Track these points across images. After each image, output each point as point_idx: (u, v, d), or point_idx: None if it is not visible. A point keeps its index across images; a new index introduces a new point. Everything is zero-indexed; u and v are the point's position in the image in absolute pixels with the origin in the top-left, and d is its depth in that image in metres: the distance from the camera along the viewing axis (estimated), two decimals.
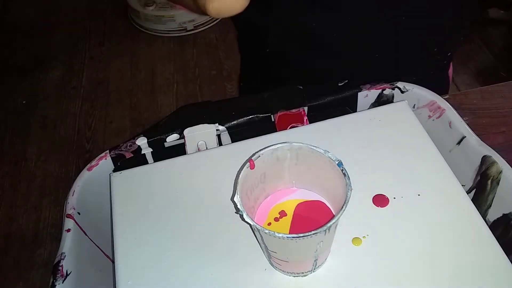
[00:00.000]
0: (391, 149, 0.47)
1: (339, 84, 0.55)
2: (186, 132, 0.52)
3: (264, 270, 0.40)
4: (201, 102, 0.55)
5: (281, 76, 0.68)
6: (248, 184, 0.37)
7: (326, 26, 0.59)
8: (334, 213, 0.40)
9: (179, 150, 0.52)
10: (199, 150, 0.51)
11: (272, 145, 0.38)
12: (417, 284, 0.38)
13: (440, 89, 0.58)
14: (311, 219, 0.40)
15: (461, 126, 0.50)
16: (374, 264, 0.39)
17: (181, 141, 0.52)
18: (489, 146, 0.48)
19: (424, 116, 0.54)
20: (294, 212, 0.41)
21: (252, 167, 0.37)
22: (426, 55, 0.65)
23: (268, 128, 0.52)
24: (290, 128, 0.52)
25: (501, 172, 0.46)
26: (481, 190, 0.49)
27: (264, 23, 0.61)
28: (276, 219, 0.40)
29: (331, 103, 0.54)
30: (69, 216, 0.46)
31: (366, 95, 0.55)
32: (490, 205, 0.48)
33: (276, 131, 0.51)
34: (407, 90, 0.55)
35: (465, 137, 0.49)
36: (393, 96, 0.55)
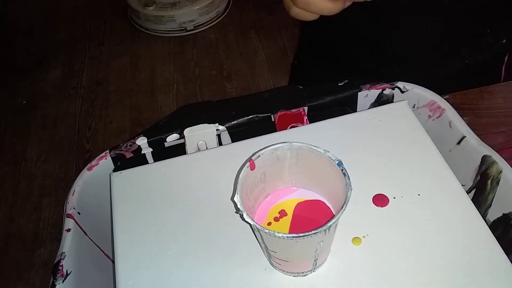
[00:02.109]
0: (391, 149, 0.47)
1: (339, 84, 0.55)
2: (186, 132, 0.52)
3: (264, 270, 0.40)
4: (201, 102, 0.55)
5: (342, 49, 0.72)
6: (248, 184, 0.37)
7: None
8: (334, 213, 0.40)
9: (179, 150, 0.52)
10: (199, 150, 0.51)
11: (272, 145, 0.38)
12: (417, 284, 0.38)
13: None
14: (311, 218, 0.40)
15: (461, 126, 0.50)
16: (374, 264, 0.39)
17: (181, 141, 0.52)
18: (489, 146, 0.48)
19: (424, 116, 0.54)
20: (294, 211, 0.41)
21: (252, 167, 0.37)
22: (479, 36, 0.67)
23: (268, 128, 0.52)
24: (290, 128, 0.52)
25: (501, 172, 0.46)
26: (481, 190, 0.49)
27: None
28: (276, 219, 0.40)
29: (331, 103, 0.54)
30: (69, 216, 0.46)
31: (366, 95, 0.55)
32: (490, 205, 0.48)
33: (276, 131, 0.51)
34: (407, 90, 0.55)
35: (465, 137, 0.49)
36: (393, 96, 0.55)
